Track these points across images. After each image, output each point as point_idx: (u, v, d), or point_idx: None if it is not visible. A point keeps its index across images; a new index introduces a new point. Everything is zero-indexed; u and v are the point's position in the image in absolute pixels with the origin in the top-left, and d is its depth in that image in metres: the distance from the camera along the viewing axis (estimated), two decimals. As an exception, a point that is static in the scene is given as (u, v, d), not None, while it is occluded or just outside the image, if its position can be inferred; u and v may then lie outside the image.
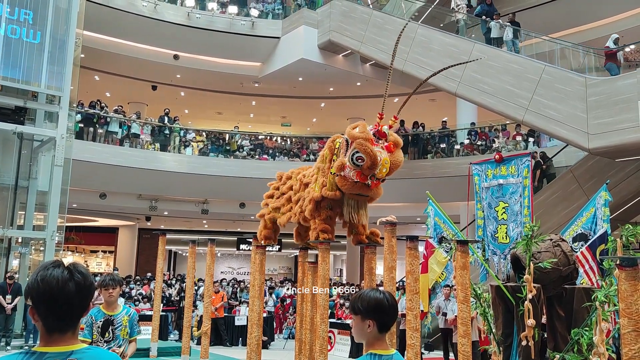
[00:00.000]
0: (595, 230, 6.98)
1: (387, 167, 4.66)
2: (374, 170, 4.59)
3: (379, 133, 4.78)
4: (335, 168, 4.79)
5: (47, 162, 12.49)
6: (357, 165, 4.61)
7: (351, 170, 4.67)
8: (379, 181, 4.73)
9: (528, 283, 4.56)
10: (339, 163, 4.75)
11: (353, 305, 2.38)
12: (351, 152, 4.64)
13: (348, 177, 4.71)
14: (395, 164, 4.74)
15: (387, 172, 4.68)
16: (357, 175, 4.65)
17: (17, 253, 13.02)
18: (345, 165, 4.69)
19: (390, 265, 5.24)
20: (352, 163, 4.63)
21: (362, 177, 4.65)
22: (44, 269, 1.70)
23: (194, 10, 17.48)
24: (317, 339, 5.17)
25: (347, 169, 4.70)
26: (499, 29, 13.36)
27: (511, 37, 13.08)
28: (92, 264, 29.45)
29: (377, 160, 4.56)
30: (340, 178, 4.75)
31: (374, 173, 4.62)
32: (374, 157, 4.53)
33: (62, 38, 12.27)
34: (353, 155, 4.62)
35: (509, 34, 13.12)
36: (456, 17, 14.50)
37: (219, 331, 14.12)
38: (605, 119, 9.87)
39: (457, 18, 14.45)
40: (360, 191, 4.76)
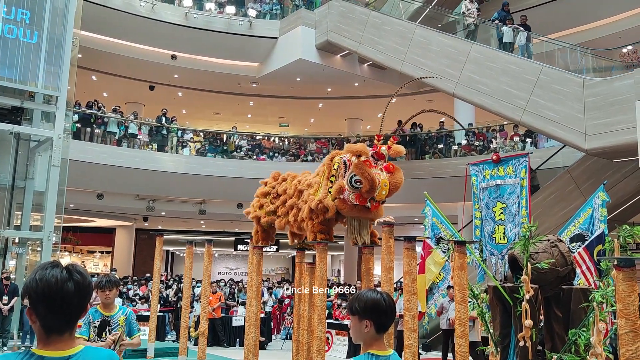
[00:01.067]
0: (592, 231, 6.99)
1: (387, 190, 4.65)
2: (372, 193, 4.58)
3: (377, 154, 4.78)
4: (334, 191, 4.78)
5: (44, 162, 12.45)
6: (355, 188, 4.60)
7: (350, 193, 4.67)
8: (378, 203, 4.73)
9: (525, 283, 4.56)
10: (337, 186, 4.75)
11: (351, 306, 2.38)
12: (349, 175, 4.63)
13: (347, 200, 4.70)
14: (395, 185, 4.71)
15: (386, 194, 4.67)
16: (356, 198, 4.65)
17: (14, 253, 12.98)
18: (344, 188, 4.68)
19: (387, 266, 5.24)
20: (351, 186, 4.62)
21: (362, 200, 4.64)
22: (42, 269, 1.69)
23: (191, 11, 17.47)
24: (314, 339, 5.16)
25: (346, 192, 4.69)
26: (511, 34, 13.18)
27: (524, 42, 12.91)
28: (90, 264, 29.41)
29: (376, 184, 4.55)
30: (340, 201, 4.75)
31: (373, 196, 4.61)
32: (372, 181, 4.52)
33: (59, 38, 12.24)
34: (351, 179, 4.61)
35: (521, 39, 12.96)
36: (466, 22, 14.32)
37: (216, 332, 14.11)
38: (602, 119, 9.89)
39: (468, 22, 14.27)
40: (360, 214, 4.76)
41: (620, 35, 15.33)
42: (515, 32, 13.16)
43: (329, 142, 20.21)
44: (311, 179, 5.42)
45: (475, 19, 14.25)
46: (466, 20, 14.39)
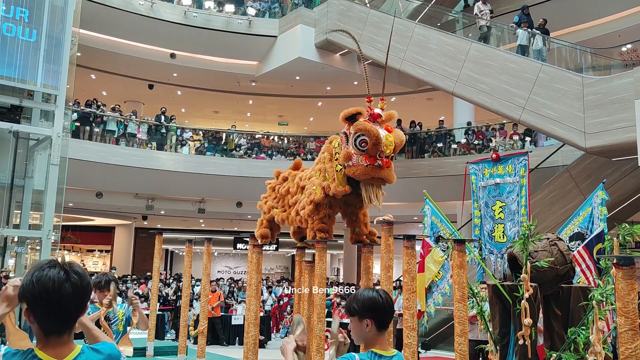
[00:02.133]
0: (592, 230, 6.98)
1: (392, 142, 4.61)
2: (379, 146, 4.52)
3: (373, 115, 4.76)
4: (342, 159, 4.72)
5: (43, 161, 12.44)
6: (362, 149, 4.55)
7: (359, 157, 4.61)
8: (389, 159, 4.66)
9: (525, 282, 4.56)
10: (344, 153, 4.69)
11: (349, 307, 2.38)
12: (353, 138, 4.59)
13: (357, 164, 4.64)
14: (399, 140, 4.68)
15: (393, 148, 4.63)
16: (365, 159, 4.58)
17: (13, 252, 12.98)
18: (351, 153, 4.64)
19: (387, 265, 5.23)
20: (357, 148, 4.58)
21: (372, 159, 4.57)
22: (39, 270, 1.66)
23: (190, 9, 17.46)
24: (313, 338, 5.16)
25: (354, 157, 4.64)
26: (527, 37, 12.97)
27: (540, 46, 12.68)
28: (89, 263, 29.42)
29: (380, 136, 4.52)
30: (350, 168, 4.68)
31: (382, 150, 4.56)
32: (376, 134, 4.50)
33: (58, 36, 12.23)
34: (356, 140, 4.56)
35: (538, 42, 12.72)
36: (479, 24, 14.09)
37: (215, 330, 14.12)
38: (601, 118, 9.89)
39: (481, 25, 14.02)
40: (373, 174, 4.66)
41: (620, 34, 15.33)
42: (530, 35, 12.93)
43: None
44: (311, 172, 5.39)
45: (488, 21, 14.00)
46: (478, 22, 14.16)
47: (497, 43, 14.32)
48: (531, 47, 12.89)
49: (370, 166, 4.57)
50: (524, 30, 13.08)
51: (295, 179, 5.69)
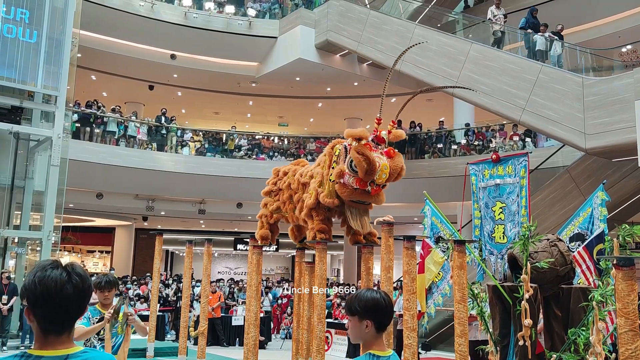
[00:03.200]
0: (592, 230, 6.98)
1: (387, 173, 4.59)
2: (372, 175, 4.53)
3: (378, 138, 4.74)
4: (335, 175, 4.74)
5: (43, 162, 12.46)
6: (355, 171, 4.56)
7: (350, 177, 4.62)
8: (379, 187, 4.66)
9: (525, 283, 4.56)
10: (337, 170, 4.71)
11: (350, 307, 2.37)
12: (349, 159, 4.60)
13: (347, 184, 4.66)
14: (395, 169, 4.65)
15: (387, 177, 4.62)
16: (356, 182, 4.59)
17: (14, 253, 13.00)
18: (345, 172, 4.65)
19: (387, 265, 5.24)
20: (351, 170, 4.59)
21: (362, 184, 4.59)
22: (42, 270, 1.67)
23: (191, 10, 17.46)
24: (314, 339, 5.16)
25: (346, 176, 4.65)
26: (545, 42, 12.62)
27: (559, 52, 12.35)
28: (89, 264, 29.41)
29: (375, 165, 4.51)
30: (340, 185, 4.70)
31: (374, 179, 4.56)
32: (372, 162, 4.49)
33: (59, 37, 12.25)
34: (351, 162, 4.57)
35: (557, 48, 12.37)
36: (493, 29, 13.75)
37: (215, 331, 14.11)
38: (602, 119, 9.89)
39: (495, 29, 13.69)
40: (360, 198, 4.69)
41: (620, 35, 15.34)
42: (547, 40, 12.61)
43: (328, 141, 20.00)
44: (313, 170, 5.40)
45: (502, 26, 13.69)
46: (492, 27, 13.79)
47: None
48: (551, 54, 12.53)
49: (359, 190, 4.61)
50: (541, 36, 12.67)
51: (296, 175, 5.69)
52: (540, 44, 12.64)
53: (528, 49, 12.97)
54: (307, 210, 5.13)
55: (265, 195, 6.14)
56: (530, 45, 12.99)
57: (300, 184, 5.53)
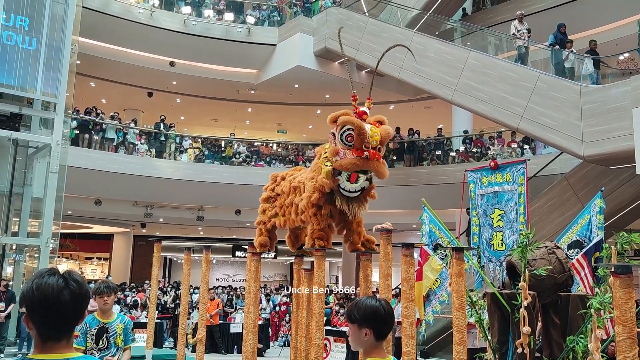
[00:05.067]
0: (590, 238, 6.99)
1: (378, 133, 4.61)
2: (364, 137, 4.53)
3: (359, 113, 4.79)
4: (330, 154, 4.74)
5: (42, 168, 12.45)
6: (349, 144, 4.57)
7: (346, 151, 4.64)
8: (376, 152, 4.65)
9: (523, 290, 4.57)
10: (331, 149, 4.72)
11: (349, 314, 2.38)
12: (339, 133, 4.61)
13: (345, 157, 4.65)
14: (385, 132, 4.68)
15: (379, 138, 4.62)
16: (353, 152, 4.60)
17: (11, 260, 12.96)
18: (338, 149, 4.66)
19: (385, 273, 5.23)
20: (344, 143, 4.60)
21: (359, 152, 4.58)
22: (40, 277, 1.70)
23: (190, 18, 17.52)
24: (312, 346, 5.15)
25: (341, 151, 4.66)
26: (574, 60, 12.08)
27: (591, 71, 11.69)
28: (87, 270, 29.32)
29: (364, 126, 4.54)
30: (338, 162, 4.69)
31: (367, 140, 4.56)
32: (360, 124, 4.52)
33: (58, 45, 12.27)
34: (342, 135, 4.58)
35: (588, 66, 11.72)
36: (516, 44, 13.21)
37: (214, 339, 14.08)
38: (599, 126, 9.92)
39: (518, 45, 13.13)
40: (362, 166, 4.65)
41: (617, 43, 15.39)
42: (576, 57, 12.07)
43: (327, 148, 20.21)
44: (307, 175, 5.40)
45: (525, 41, 13.10)
46: (516, 42, 13.25)
47: (495, 51, 14.36)
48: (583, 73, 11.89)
49: (358, 158, 4.57)
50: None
51: (289, 178, 5.71)
52: (569, 61, 12.12)
53: (556, 65, 12.32)
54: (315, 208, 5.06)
55: (263, 202, 6.13)
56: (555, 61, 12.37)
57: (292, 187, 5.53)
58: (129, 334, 4.80)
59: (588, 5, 15.39)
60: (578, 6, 15.45)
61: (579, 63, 12.09)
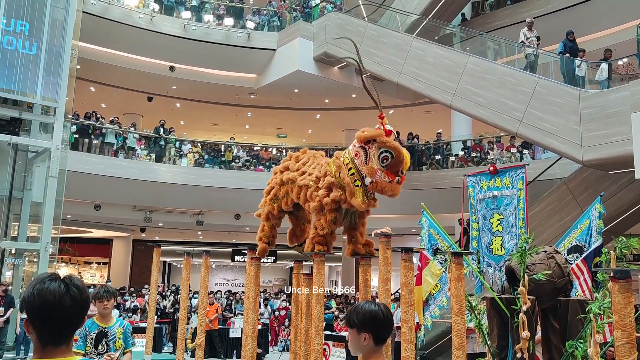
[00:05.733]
0: (590, 242, 7.00)
1: (409, 162, 4.72)
2: (402, 163, 4.61)
3: (387, 133, 4.81)
4: (367, 173, 4.76)
5: (41, 173, 12.46)
6: (383, 165, 4.62)
7: (382, 173, 4.68)
8: (403, 176, 4.75)
9: (522, 295, 4.57)
10: (369, 169, 4.72)
11: (348, 319, 2.38)
12: (378, 153, 4.65)
13: (381, 180, 4.70)
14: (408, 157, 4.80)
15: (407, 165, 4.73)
16: (387, 174, 4.65)
17: (11, 264, 12.95)
18: (376, 169, 4.69)
19: (385, 277, 5.23)
20: (381, 165, 4.65)
21: (393, 175, 4.65)
22: (41, 282, 1.71)
23: (190, 22, 17.56)
24: (311, 351, 5.15)
25: (378, 173, 4.69)
26: (586, 69, 11.91)
27: (606, 77, 11.56)
28: (86, 275, 29.28)
29: (403, 153, 4.61)
30: (374, 184, 4.73)
31: (402, 167, 4.64)
32: (401, 150, 4.59)
33: (58, 49, 12.30)
34: (380, 156, 4.63)
35: (603, 73, 11.59)
36: (525, 52, 13.05)
37: (213, 343, 14.05)
38: (598, 131, 9.94)
39: (527, 53, 12.97)
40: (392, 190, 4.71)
41: (616, 48, 15.44)
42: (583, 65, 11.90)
43: (326, 153, 20.22)
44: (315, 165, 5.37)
45: (535, 49, 12.96)
46: (525, 50, 13.08)
47: (494, 56, 14.38)
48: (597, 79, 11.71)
49: (392, 182, 4.65)
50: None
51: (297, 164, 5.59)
52: (580, 70, 11.96)
53: (564, 75, 12.08)
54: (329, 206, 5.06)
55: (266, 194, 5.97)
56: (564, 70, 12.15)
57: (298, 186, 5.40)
58: (128, 338, 4.80)
59: (586, 11, 15.46)
60: (576, 12, 15.51)
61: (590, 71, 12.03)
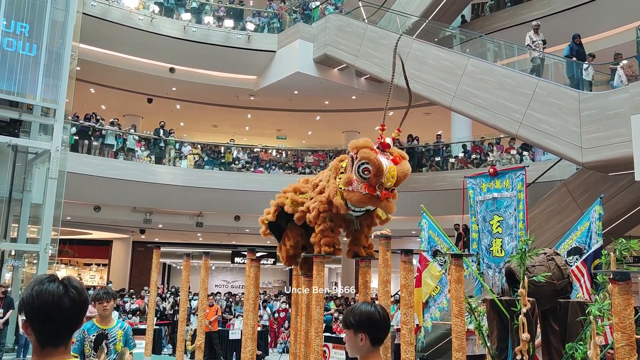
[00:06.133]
0: (590, 244, 7.00)
1: (395, 175, 4.61)
2: (380, 178, 4.52)
3: (383, 145, 4.76)
4: (343, 183, 4.73)
5: (41, 174, 12.45)
6: (364, 177, 4.55)
7: (359, 184, 4.62)
8: (388, 192, 4.65)
9: (522, 297, 4.56)
10: (346, 178, 4.69)
11: (345, 320, 2.38)
12: (357, 164, 4.60)
13: (357, 191, 4.65)
14: (403, 173, 4.69)
15: (395, 181, 4.63)
16: (365, 187, 4.58)
17: (10, 266, 12.94)
18: (353, 179, 4.64)
19: (384, 279, 5.23)
20: (359, 175, 4.58)
21: (371, 189, 4.58)
22: (40, 284, 1.71)
23: (190, 24, 17.57)
24: (311, 353, 5.14)
25: (355, 183, 4.64)
26: (592, 74, 11.67)
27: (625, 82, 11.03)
28: (86, 277, 29.25)
29: (383, 168, 4.51)
30: (349, 193, 4.69)
31: (382, 182, 4.56)
32: (379, 165, 4.50)
33: (58, 51, 12.30)
34: (359, 167, 4.57)
35: (622, 78, 11.21)
36: (531, 55, 12.82)
37: (212, 345, 14.03)
38: (598, 133, 9.94)
39: (533, 57, 12.76)
40: (370, 204, 4.66)
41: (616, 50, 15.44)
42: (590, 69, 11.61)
43: (326, 154, 20.26)
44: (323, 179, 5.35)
45: (541, 53, 12.78)
46: (531, 53, 12.87)
47: (494, 58, 14.39)
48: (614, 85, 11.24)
49: (368, 195, 4.58)
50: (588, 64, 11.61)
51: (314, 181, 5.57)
52: (587, 74, 11.71)
53: (570, 78, 11.84)
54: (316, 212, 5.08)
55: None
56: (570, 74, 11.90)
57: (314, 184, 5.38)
58: (129, 340, 4.79)
59: (586, 13, 15.47)
60: (576, 14, 15.53)
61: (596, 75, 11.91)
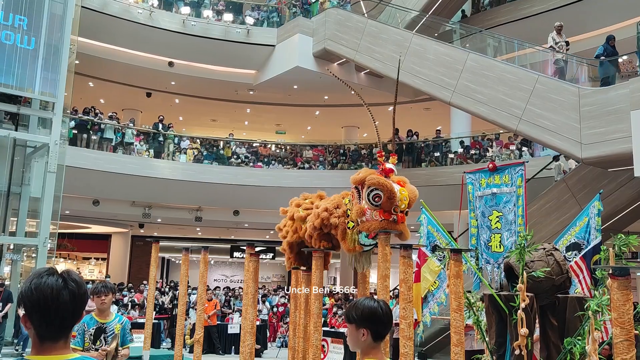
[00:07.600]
0: (589, 240, 7.01)
1: (407, 197, 4.55)
2: (394, 201, 4.44)
3: (385, 171, 4.72)
4: (355, 214, 4.62)
5: (40, 168, 12.44)
6: (376, 204, 4.46)
7: (372, 212, 4.53)
8: (403, 215, 4.60)
9: (521, 292, 4.57)
10: (357, 209, 4.57)
11: (347, 314, 2.38)
12: (367, 192, 4.51)
13: (372, 219, 4.57)
14: (413, 194, 4.65)
15: (407, 203, 4.58)
16: (379, 213, 4.50)
17: (9, 260, 12.94)
18: (364, 209, 4.55)
19: (383, 274, 5.23)
20: (371, 203, 4.50)
21: (387, 214, 4.49)
22: (38, 277, 1.69)
23: (189, 18, 17.51)
24: (310, 347, 5.15)
25: (367, 212, 4.55)
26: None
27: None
28: (85, 271, 29.29)
29: (395, 190, 4.45)
30: (364, 223, 4.59)
31: (396, 204, 4.51)
32: (391, 188, 4.43)
33: (57, 44, 12.26)
34: (369, 195, 4.47)
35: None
36: (555, 57, 12.46)
37: (211, 339, 14.06)
38: (598, 129, 9.93)
39: (557, 58, 12.40)
40: (389, 228, 4.59)
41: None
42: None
43: (325, 149, 20.24)
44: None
45: (564, 55, 12.41)
46: (554, 55, 12.49)
47: (494, 53, 14.37)
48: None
49: (385, 221, 4.51)
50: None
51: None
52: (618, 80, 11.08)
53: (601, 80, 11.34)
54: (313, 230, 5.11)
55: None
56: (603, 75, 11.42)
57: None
58: (127, 334, 4.79)
59: (586, 8, 15.42)
60: (576, 9, 15.48)
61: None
